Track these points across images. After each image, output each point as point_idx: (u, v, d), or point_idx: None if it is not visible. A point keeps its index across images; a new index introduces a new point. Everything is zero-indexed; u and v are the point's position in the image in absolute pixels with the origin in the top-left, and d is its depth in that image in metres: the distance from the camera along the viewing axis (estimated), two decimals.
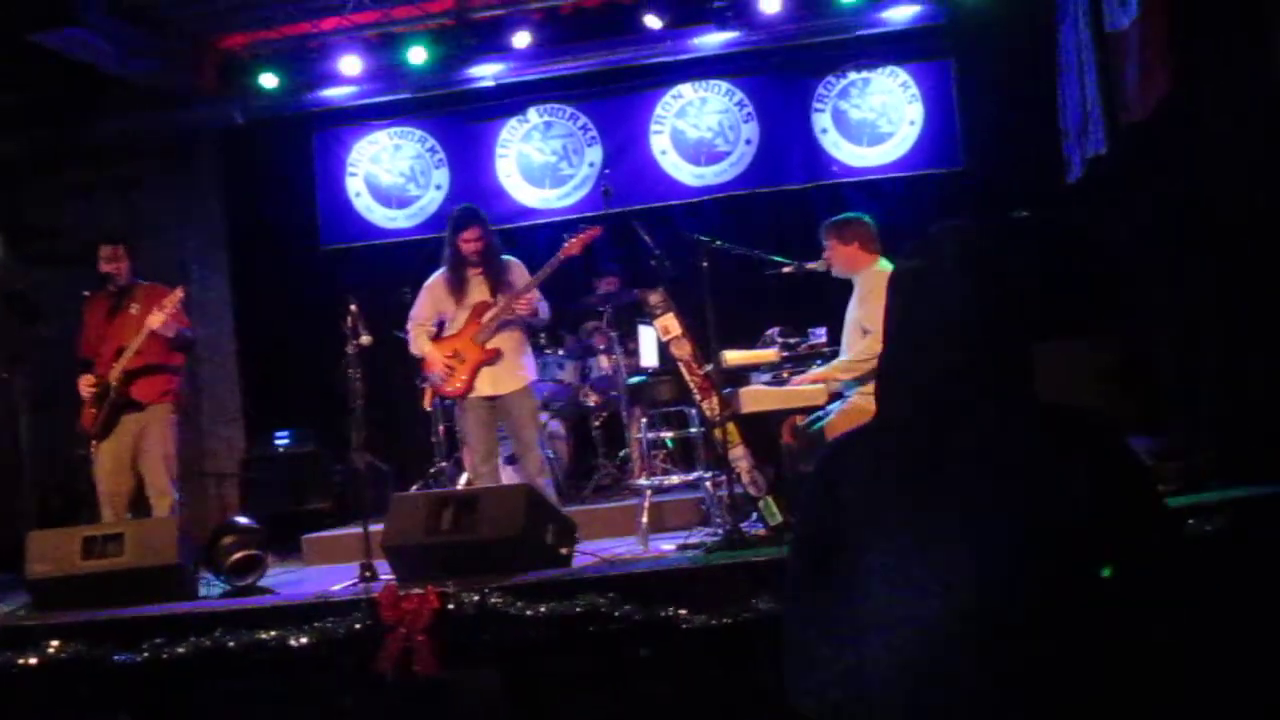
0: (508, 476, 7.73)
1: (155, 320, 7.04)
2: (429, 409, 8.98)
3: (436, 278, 7.30)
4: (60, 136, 10.28)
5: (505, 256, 7.32)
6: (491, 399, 7.12)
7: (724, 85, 10.58)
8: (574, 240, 7.24)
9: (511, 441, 7.43)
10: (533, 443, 7.18)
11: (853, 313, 6.42)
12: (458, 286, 7.19)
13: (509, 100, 10.80)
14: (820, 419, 6.37)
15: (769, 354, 7.07)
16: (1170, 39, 6.41)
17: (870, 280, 6.30)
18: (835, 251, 6.48)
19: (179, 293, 7.20)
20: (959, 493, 1.81)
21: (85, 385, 7.21)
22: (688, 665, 4.99)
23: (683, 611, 4.96)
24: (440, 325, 7.28)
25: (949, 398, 1.89)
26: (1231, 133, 6.10)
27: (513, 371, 7.13)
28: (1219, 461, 5.73)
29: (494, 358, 7.07)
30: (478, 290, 7.18)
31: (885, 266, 6.31)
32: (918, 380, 1.93)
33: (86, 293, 7.49)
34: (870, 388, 6.06)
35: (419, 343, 7.26)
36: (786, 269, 6.92)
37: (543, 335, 9.08)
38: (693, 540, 6.61)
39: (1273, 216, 5.90)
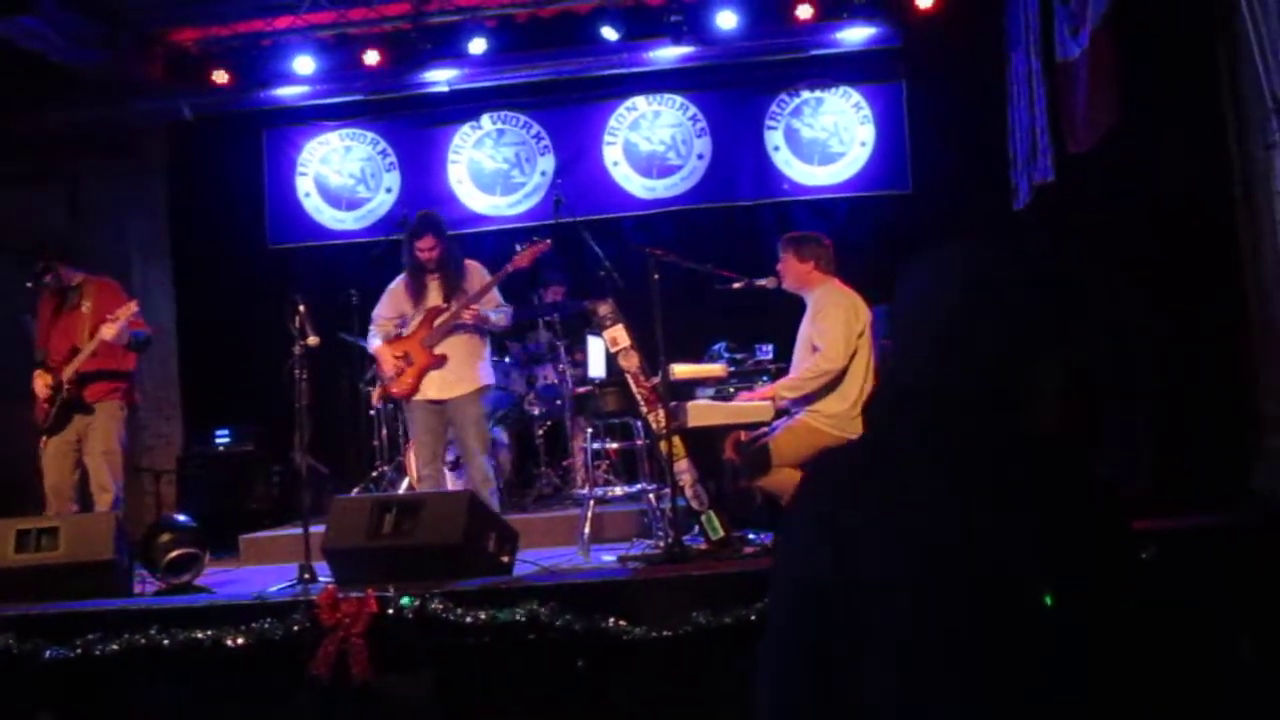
0: (451, 481, 7.72)
1: (108, 332, 7.05)
2: (376, 406, 8.93)
3: (398, 280, 7.37)
4: (4, 125, 10.14)
5: (466, 260, 7.35)
6: (438, 403, 7.13)
7: (678, 99, 10.62)
8: (523, 252, 7.27)
9: (456, 446, 7.43)
10: (477, 449, 7.17)
11: (805, 329, 6.46)
12: (416, 290, 7.26)
13: (463, 106, 10.78)
14: (764, 435, 6.40)
15: (716, 368, 7.11)
16: (1119, 69, 6.51)
17: (822, 299, 6.34)
18: (789, 266, 6.52)
19: (133, 305, 7.21)
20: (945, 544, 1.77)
21: (41, 385, 7.25)
22: (625, 677, 5.00)
23: (622, 623, 4.97)
24: (402, 327, 7.31)
25: (948, 420, 1.87)
26: (1176, 162, 6.20)
27: (461, 376, 7.14)
28: (1151, 491, 5.83)
29: (440, 362, 7.10)
30: (433, 294, 7.22)
31: (839, 287, 6.38)
32: (914, 402, 1.91)
33: (29, 284, 7.47)
34: (820, 406, 6.15)
35: (373, 341, 7.33)
36: (736, 284, 6.95)
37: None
38: (634, 552, 6.61)
39: (1209, 248, 6.02)
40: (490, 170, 10.80)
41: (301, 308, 6.68)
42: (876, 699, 1.73)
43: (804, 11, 9.41)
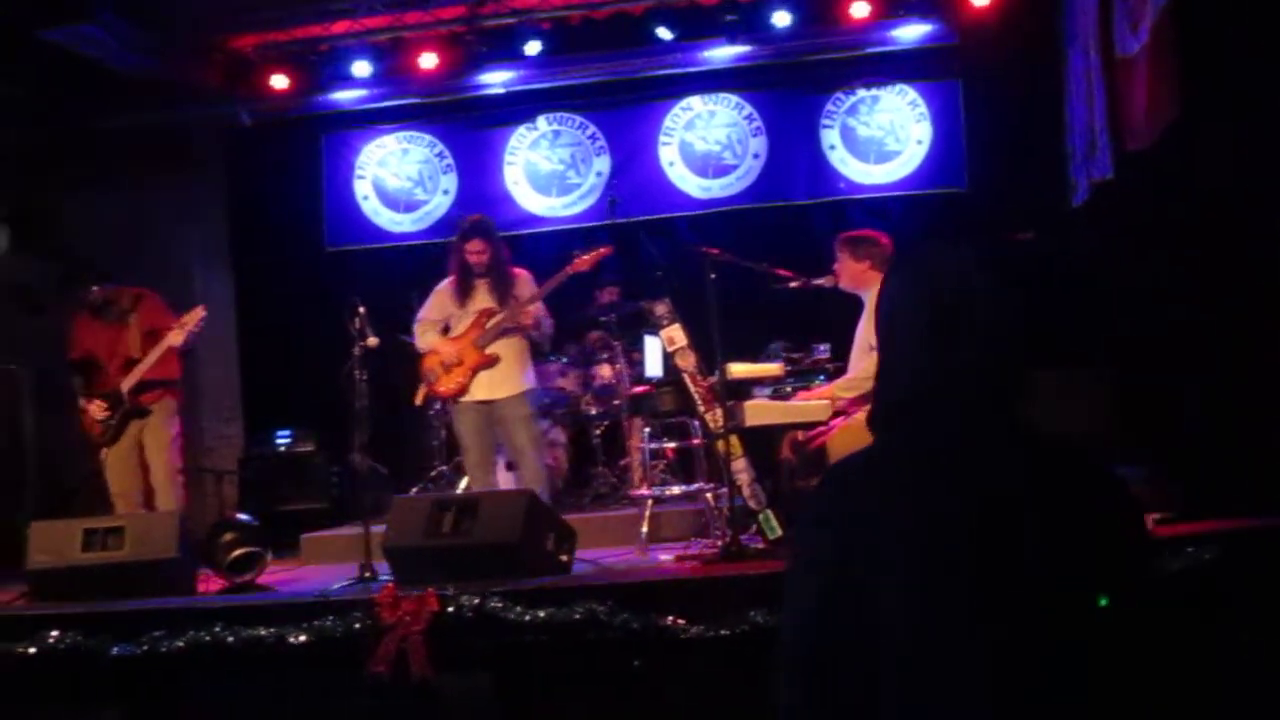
0: (506, 482, 7.75)
1: (176, 338, 7.22)
2: (418, 404, 8.96)
3: (446, 282, 7.40)
4: (66, 131, 10.29)
5: (515, 269, 7.38)
6: (486, 403, 7.17)
7: (733, 98, 10.61)
8: (585, 257, 7.28)
9: (506, 447, 7.46)
10: (527, 449, 7.20)
11: (861, 329, 6.43)
12: (464, 292, 7.28)
13: (518, 108, 10.82)
14: (821, 435, 6.39)
15: (773, 367, 7.10)
16: (1179, 65, 6.44)
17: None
18: (845, 266, 6.50)
19: (201, 311, 7.37)
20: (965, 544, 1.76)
21: (98, 407, 7.36)
22: (682, 675, 5.01)
23: (680, 621, 4.98)
24: (445, 329, 7.34)
25: (945, 422, 1.86)
26: (1237, 159, 6.12)
27: (509, 378, 7.19)
28: (1211, 492, 5.76)
29: (492, 362, 7.14)
30: (483, 297, 7.26)
31: None
32: (915, 404, 1.90)
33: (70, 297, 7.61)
34: None
35: (426, 338, 7.36)
36: (792, 284, 6.94)
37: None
38: (691, 551, 6.62)
39: (1271, 243, 5.94)
40: (546, 171, 10.84)
41: (361, 309, 6.74)
42: (886, 699, 1.73)
43: (859, 10, 9.36)
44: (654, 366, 8.38)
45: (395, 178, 11.06)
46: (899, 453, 1.87)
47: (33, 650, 5.33)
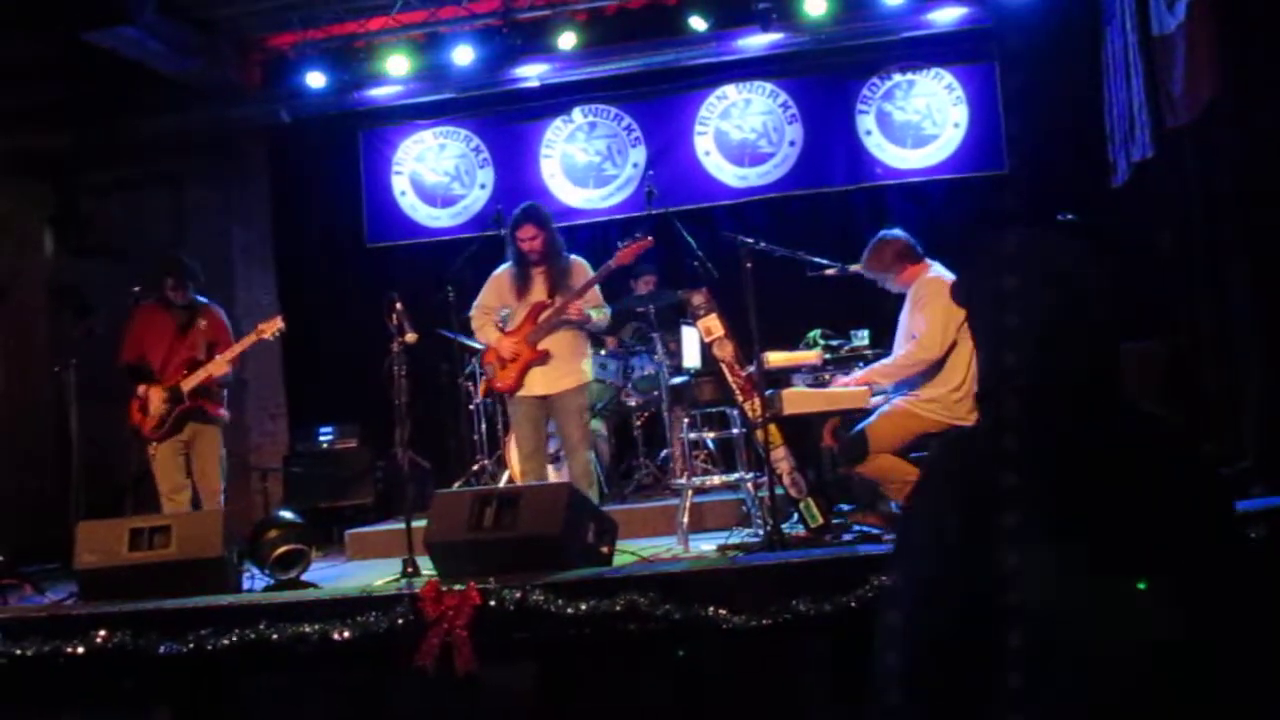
0: (553, 474, 7.76)
1: (265, 332, 7.48)
2: (479, 400, 9.00)
3: (503, 270, 7.34)
4: (109, 132, 10.41)
5: (571, 255, 7.36)
6: (542, 398, 7.16)
7: (768, 86, 10.59)
8: (627, 249, 7.24)
9: (559, 439, 7.46)
10: (579, 444, 7.17)
11: (904, 318, 6.38)
12: (521, 283, 7.23)
13: (554, 100, 10.85)
14: (863, 422, 6.36)
15: (811, 355, 7.07)
16: (1218, 42, 6.37)
17: (921, 289, 6.22)
18: (878, 276, 6.45)
19: (280, 322, 7.55)
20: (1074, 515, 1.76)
21: (158, 399, 7.44)
22: (725, 666, 5.01)
23: (722, 611, 4.97)
24: (502, 319, 7.33)
25: (1046, 405, 1.85)
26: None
27: (566, 372, 7.14)
28: (1260, 469, 5.70)
29: (544, 358, 7.09)
30: (538, 289, 7.21)
31: (938, 273, 6.26)
32: (1012, 389, 1.89)
33: (136, 290, 7.68)
34: (921, 391, 6.07)
35: (486, 330, 7.31)
36: (830, 271, 6.91)
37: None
38: (733, 541, 6.62)
39: None
40: (583, 163, 10.86)
41: (399, 305, 6.75)
42: (1000, 689, 1.73)
43: None
44: (692, 357, 8.37)
45: (432, 173, 11.11)
46: (1008, 433, 1.87)
47: (82, 650, 5.39)
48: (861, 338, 7.47)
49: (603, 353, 9.19)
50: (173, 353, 7.57)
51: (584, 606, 5.05)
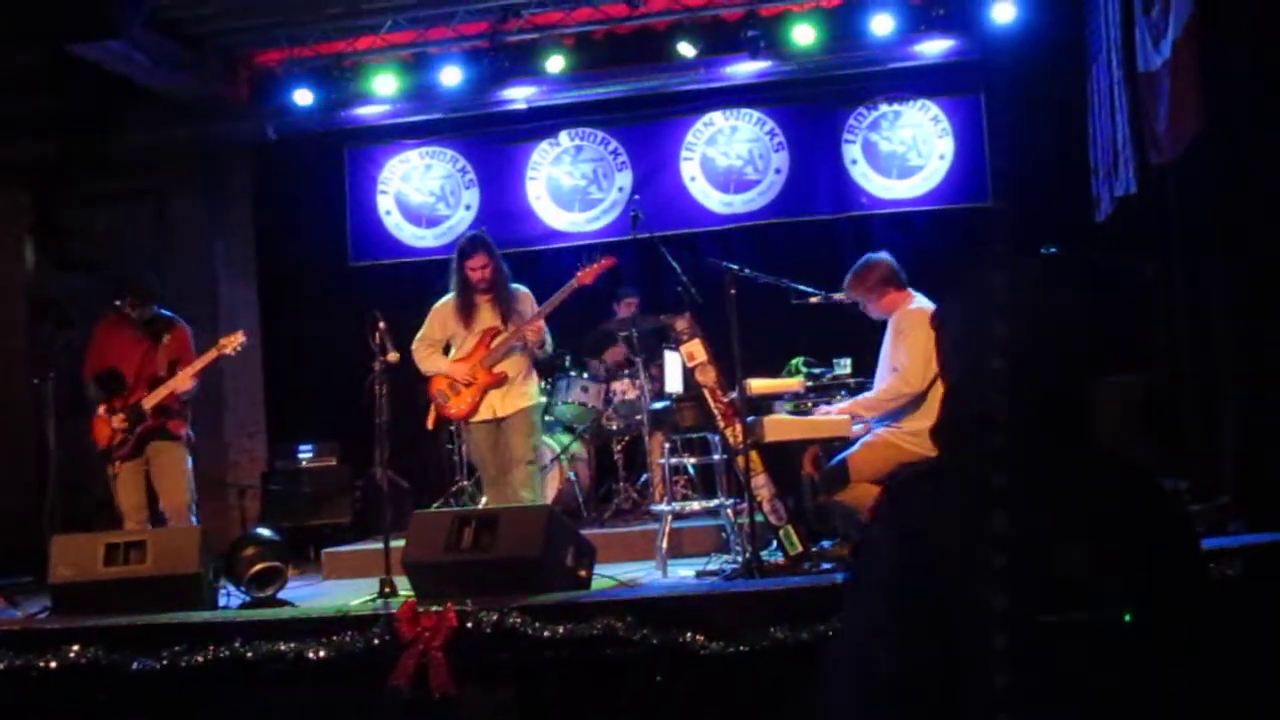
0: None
1: (226, 346, 7.34)
2: (430, 427, 8.97)
3: (445, 301, 7.38)
4: (93, 144, 10.38)
5: (514, 285, 7.40)
6: (496, 420, 7.18)
7: (755, 114, 10.62)
8: (586, 270, 7.29)
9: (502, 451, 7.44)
10: (522, 458, 7.21)
11: (886, 350, 6.38)
12: (466, 311, 7.27)
13: (541, 123, 10.87)
14: (844, 451, 6.36)
15: (793, 382, 7.08)
16: (1201, 80, 6.41)
17: (903, 320, 6.23)
18: (866, 303, 6.46)
19: (243, 336, 7.47)
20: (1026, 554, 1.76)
21: (119, 420, 7.31)
22: (703, 692, 5.00)
23: (699, 637, 4.96)
24: (446, 349, 7.35)
25: (1010, 440, 1.85)
26: (1262, 173, 6.09)
27: (520, 394, 7.24)
28: (1238, 505, 5.71)
29: (500, 381, 7.16)
30: (486, 316, 7.25)
31: (921, 303, 6.27)
32: (979, 421, 1.89)
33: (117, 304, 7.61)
34: (902, 423, 6.08)
35: (434, 359, 7.34)
36: (813, 299, 6.93)
37: (567, 358, 9.15)
38: (711, 567, 6.61)
39: None
40: (569, 187, 10.87)
41: (381, 324, 6.75)
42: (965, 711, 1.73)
43: (881, 25, 9.36)
44: (674, 382, 8.36)
45: (418, 193, 11.11)
46: (969, 469, 1.87)
47: (54, 664, 5.35)
48: (844, 366, 7.47)
49: (585, 375, 9.20)
50: (143, 367, 7.45)
51: (561, 630, 5.04)
